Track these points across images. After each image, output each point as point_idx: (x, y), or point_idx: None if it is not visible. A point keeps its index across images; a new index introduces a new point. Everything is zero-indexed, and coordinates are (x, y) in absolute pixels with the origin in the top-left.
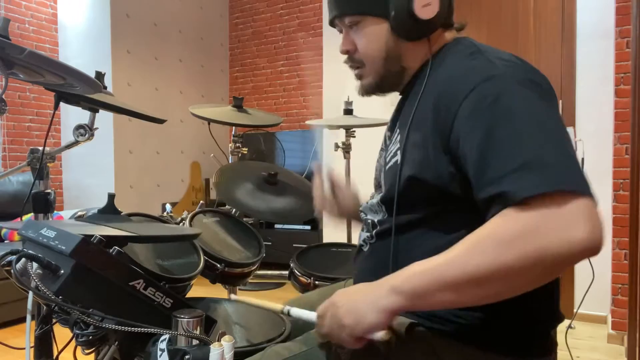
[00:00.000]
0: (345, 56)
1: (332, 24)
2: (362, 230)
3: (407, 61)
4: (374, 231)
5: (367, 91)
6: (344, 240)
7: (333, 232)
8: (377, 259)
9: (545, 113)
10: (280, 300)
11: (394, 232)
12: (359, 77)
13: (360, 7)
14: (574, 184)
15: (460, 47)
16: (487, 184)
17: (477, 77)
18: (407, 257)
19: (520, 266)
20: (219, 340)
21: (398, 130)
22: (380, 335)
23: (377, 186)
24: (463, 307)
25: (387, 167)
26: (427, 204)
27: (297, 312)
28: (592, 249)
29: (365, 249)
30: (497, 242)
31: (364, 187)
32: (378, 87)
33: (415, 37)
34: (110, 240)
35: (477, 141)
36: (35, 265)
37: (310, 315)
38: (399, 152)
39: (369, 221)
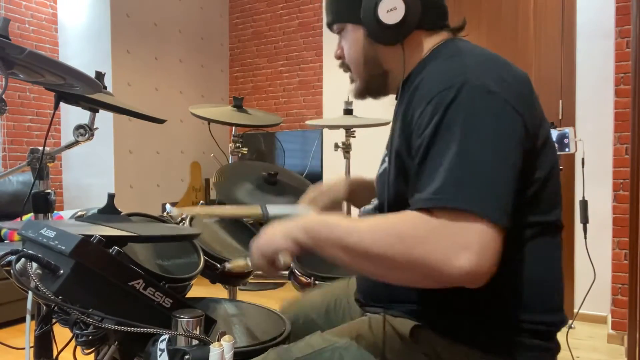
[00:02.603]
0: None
1: (329, 29)
2: None
3: (388, 64)
4: None
5: (358, 94)
6: None
7: None
8: None
9: (486, 132)
10: (280, 300)
11: None
12: (351, 80)
13: (341, 16)
14: (479, 207)
15: (443, 51)
16: (414, 192)
17: (438, 86)
18: None
19: (403, 263)
20: (219, 340)
21: (390, 135)
22: (283, 257)
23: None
24: (355, 269)
25: (379, 173)
26: None
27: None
28: (470, 279)
29: None
30: (394, 234)
31: None
32: (367, 91)
33: (388, 41)
34: (110, 240)
35: (419, 152)
36: (35, 265)
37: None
38: (386, 158)
39: None
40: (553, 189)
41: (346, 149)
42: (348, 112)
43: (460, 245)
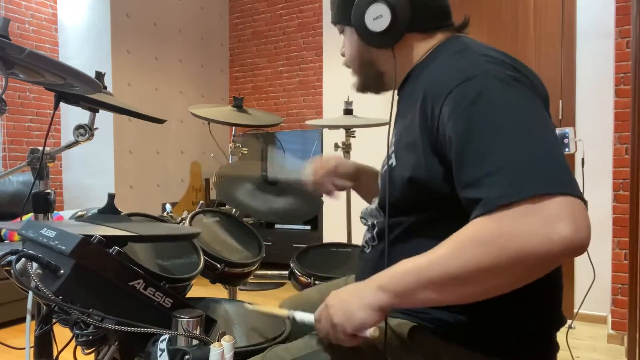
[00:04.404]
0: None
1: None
2: (366, 230)
3: (383, 66)
4: (374, 231)
5: (358, 90)
6: (344, 240)
7: (333, 232)
8: (377, 260)
9: (524, 112)
10: (280, 300)
11: (391, 235)
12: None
13: (338, 18)
14: (552, 186)
15: (449, 47)
16: (465, 187)
17: (457, 78)
18: (403, 259)
19: (501, 266)
20: (219, 340)
21: (393, 133)
22: (370, 332)
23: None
24: (448, 304)
25: (383, 170)
26: (422, 207)
27: (300, 316)
28: (574, 248)
29: (368, 250)
30: (478, 243)
31: None
32: (365, 88)
33: (378, 46)
34: (110, 240)
35: (455, 144)
36: (35, 265)
37: (311, 318)
38: (393, 155)
39: (369, 224)
40: None
41: (346, 149)
42: (348, 112)
43: (550, 220)
